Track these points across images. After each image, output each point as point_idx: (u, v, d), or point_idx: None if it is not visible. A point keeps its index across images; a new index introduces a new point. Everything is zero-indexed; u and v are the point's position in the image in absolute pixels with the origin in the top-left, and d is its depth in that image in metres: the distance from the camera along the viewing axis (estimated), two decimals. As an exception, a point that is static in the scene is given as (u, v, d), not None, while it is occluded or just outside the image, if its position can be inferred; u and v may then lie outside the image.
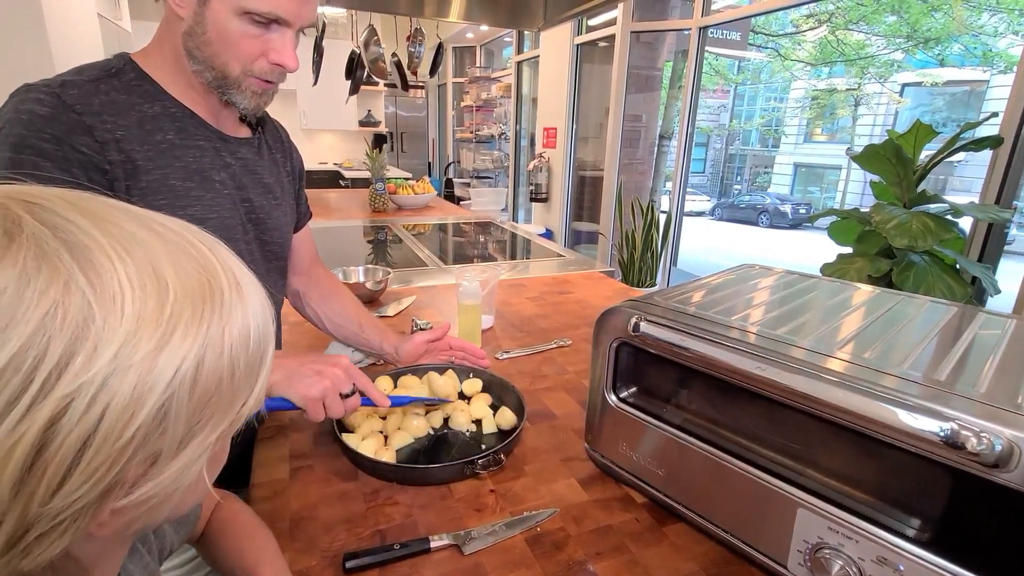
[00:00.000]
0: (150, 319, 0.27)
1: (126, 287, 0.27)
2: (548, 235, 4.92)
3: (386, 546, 0.63)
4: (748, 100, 17.75)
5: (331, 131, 6.81)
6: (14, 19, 2.59)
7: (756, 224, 12.96)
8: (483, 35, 6.88)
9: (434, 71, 3.79)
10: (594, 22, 4.35)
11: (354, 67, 3.62)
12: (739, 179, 17.85)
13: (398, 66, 3.55)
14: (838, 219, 2.35)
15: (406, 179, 3.75)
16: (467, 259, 2.35)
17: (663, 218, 3.69)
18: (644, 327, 0.67)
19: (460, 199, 6.10)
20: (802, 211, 12.66)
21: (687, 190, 3.91)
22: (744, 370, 0.57)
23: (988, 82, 10.99)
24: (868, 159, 2.08)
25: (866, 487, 0.54)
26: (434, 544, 0.64)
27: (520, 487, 0.76)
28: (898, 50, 11.72)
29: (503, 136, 6.46)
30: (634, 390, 0.75)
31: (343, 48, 4.23)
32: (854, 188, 13.52)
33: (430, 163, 7.94)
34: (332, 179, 6.06)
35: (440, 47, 3.62)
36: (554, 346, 1.25)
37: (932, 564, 0.47)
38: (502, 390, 0.96)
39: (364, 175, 5.40)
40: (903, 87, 12.65)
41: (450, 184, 6.97)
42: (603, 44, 4.36)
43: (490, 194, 5.40)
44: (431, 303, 1.55)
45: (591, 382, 0.77)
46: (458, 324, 1.23)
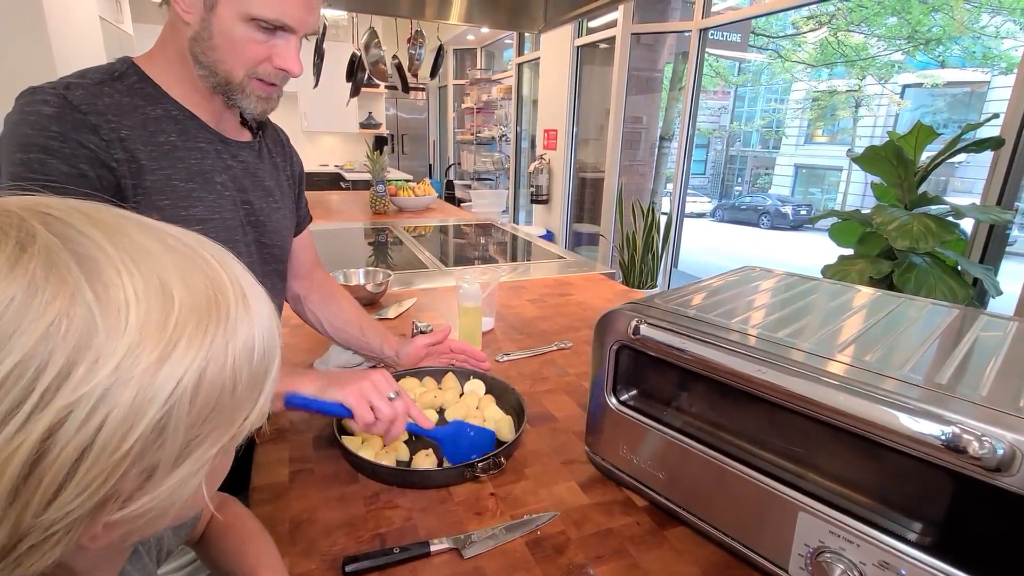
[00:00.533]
0: (154, 331, 0.27)
1: (131, 300, 0.27)
2: (549, 237, 4.92)
3: (386, 550, 0.63)
4: (749, 102, 17.75)
5: (332, 133, 6.82)
6: (16, 22, 2.60)
7: (757, 226, 12.94)
8: (484, 37, 6.88)
9: (435, 73, 3.79)
10: (594, 24, 4.36)
11: (355, 69, 3.62)
12: (740, 180, 17.84)
13: (399, 68, 3.55)
14: (839, 221, 2.35)
15: (407, 181, 3.75)
16: (468, 261, 2.35)
17: (664, 220, 3.69)
18: (645, 330, 0.67)
19: (461, 201, 6.10)
20: (803, 213, 12.64)
21: (688, 192, 3.91)
22: (745, 373, 0.57)
23: (989, 83, 10.98)
24: (869, 161, 2.08)
25: (867, 491, 0.54)
26: (434, 548, 0.64)
27: (520, 490, 0.76)
28: (898, 51, 11.72)
29: (504, 138, 6.46)
30: (635, 393, 0.75)
31: (344, 50, 4.23)
32: (855, 190, 13.50)
33: (431, 165, 7.95)
34: (333, 181, 6.06)
35: (441, 49, 3.62)
36: (555, 348, 1.25)
37: (934, 568, 0.46)
38: (502, 392, 0.96)
39: (365, 177, 5.40)
40: (904, 88, 12.65)
41: (451, 186, 6.98)
42: (603, 46, 4.36)
43: (491, 196, 5.40)
44: (432, 305, 1.55)
45: (591, 385, 0.77)
46: (459, 326, 1.23)
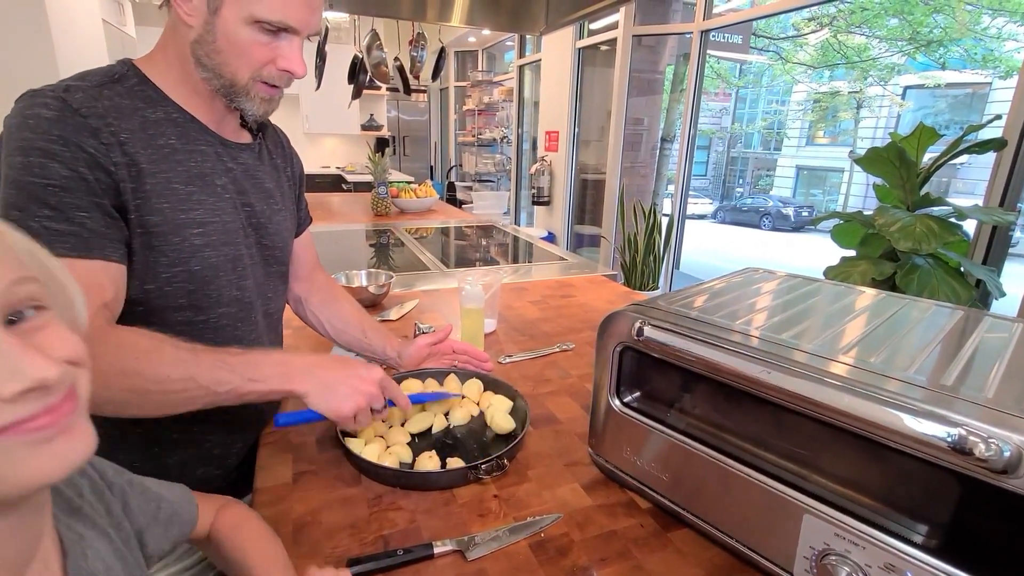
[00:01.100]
0: None
1: None
2: (550, 238, 4.92)
3: (389, 552, 0.63)
4: (750, 103, 17.75)
5: (334, 135, 6.83)
6: (19, 25, 2.61)
7: (758, 227, 12.93)
8: (485, 39, 6.90)
9: (436, 75, 3.80)
10: (596, 26, 4.36)
11: (356, 71, 3.63)
12: (741, 182, 17.83)
13: (400, 70, 3.56)
14: (841, 222, 2.34)
15: (408, 183, 3.76)
16: (469, 263, 2.35)
17: (665, 221, 3.69)
18: (648, 331, 0.66)
19: (462, 203, 6.10)
20: (804, 214, 12.63)
21: (689, 193, 3.91)
22: (749, 374, 0.57)
23: (990, 84, 10.97)
24: (871, 162, 2.08)
25: (873, 493, 0.54)
26: (437, 550, 0.64)
27: (523, 492, 0.76)
28: (899, 52, 11.72)
29: (505, 140, 6.47)
30: (638, 394, 0.75)
31: (346, 52, 4.24)
32: (856, 191, 13.49)
33: (432, 167, 7.96)
34: (335, 183, 6.07)
35: (442, 51, 3.63)
36: (557, 350, 1.25)
37: (941, 571, 0.46)
38: (505, 394, 0.96)
39: (367, 179, 5.40)
40: (905, 89, 12.64)
41: (452, 188, 6.99)
42: (605, 48, 4.36)
43: (492, 198, 5.40)
44: (434, 307, 1.55)
45: (594, 386, 0.76)
46: (461, 328, 1.23)
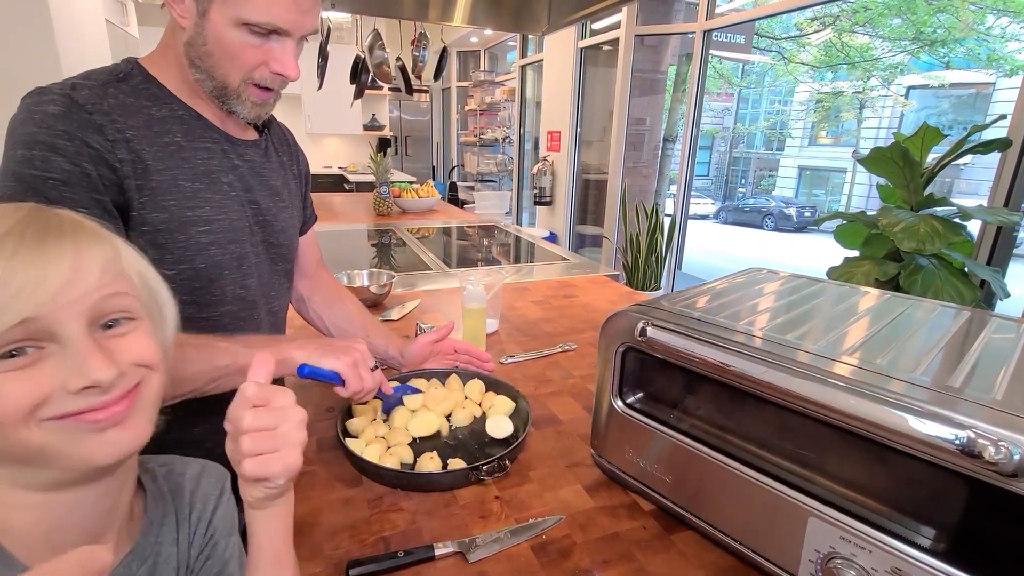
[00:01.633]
0: None
1: None
2: (552, 238, 4.91)
3: (390, 553, 0.63)
4: (752, 103, 17.71)
5: (336, 135, 6.83)
6: (23, 25, 2.62)
7: (761, 227, 12.90)
8: (487, 39, 6.89)
9: (438, 75, 3.80)
10: (598, 26, 4.35)
11: (358, 71, 3.63)
12: (743, 182, 17.78)
13: (402, 70, 3.55)
14: (844, 222, 2.33)
15: (410, 183, 3.76)
16: (471, 263, 2.35)
17: (667, 221, 3.68)
18: (651, 332, 0.66)
19: (464, 203, 6.10)
20: (807, 214, 12.59)
21: (691, 193, 3.90)
22: (752, 375, 0.57)
23: (994, 84, 10.92)
24: (875, 162, 2.07)
25: (879, 496, 0.53)
26: (438, 552, 0.63)
27: (525, 493, 0.76)
28: (903, 52, 11.68)
29: (507, 140, 6.47)
30: (640, 395, 0.75)
31: (348, 52, 4.24)
32: (859, 191, 13.44)
33: (434, 167, 7.96)
34: (337, 183, 6.08)
35: (444, 51, 3.64)
36: (559, 350, 1.24)
37: (948, 575, 0.46)
38: (507, 395, 0.95)
39: (368, 179, 5.40)
40: (908, 89, 12.59)
41: (454, 188, 7.00)
42: (607, 48, 4.36)
43: (494, 198, 5.39)
44: (435, 307, 1.54)
45: (597, 387, 0.76)
46: (463, 328, 1.22)
